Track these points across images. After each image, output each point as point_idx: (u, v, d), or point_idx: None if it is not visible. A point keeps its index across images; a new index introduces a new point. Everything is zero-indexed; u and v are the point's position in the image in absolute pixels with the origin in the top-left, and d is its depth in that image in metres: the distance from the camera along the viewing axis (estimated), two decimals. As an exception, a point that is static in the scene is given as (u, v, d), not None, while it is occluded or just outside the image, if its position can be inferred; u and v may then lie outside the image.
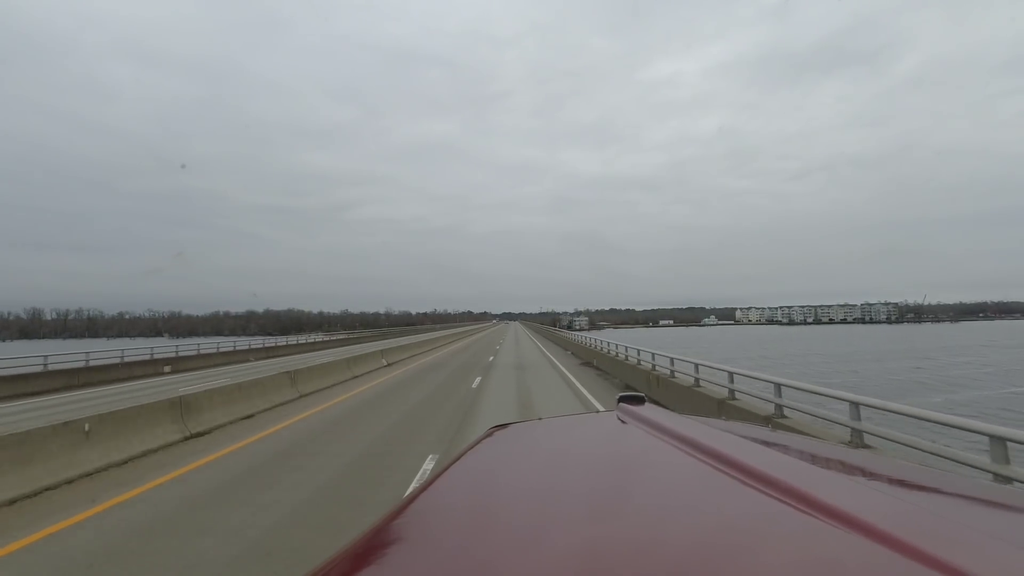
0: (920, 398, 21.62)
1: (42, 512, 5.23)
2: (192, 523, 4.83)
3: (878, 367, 36.48)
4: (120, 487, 5.97)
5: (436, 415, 10.20)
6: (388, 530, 0.79)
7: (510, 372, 18.33)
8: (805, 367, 38.03)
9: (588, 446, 1.23)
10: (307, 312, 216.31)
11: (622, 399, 1.51)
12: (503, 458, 1.20)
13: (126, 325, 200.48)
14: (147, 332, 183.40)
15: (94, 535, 4.63)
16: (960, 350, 50.18)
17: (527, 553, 0.64)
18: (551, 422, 1.47)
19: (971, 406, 19.47)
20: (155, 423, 7.94)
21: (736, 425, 1.38)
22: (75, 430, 6.47)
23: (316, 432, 8.86)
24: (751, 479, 0.78)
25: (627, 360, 16.37)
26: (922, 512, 0.65)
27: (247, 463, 6.94)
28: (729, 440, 1.01)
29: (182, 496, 5.64)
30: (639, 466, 1.01)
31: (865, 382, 27.93)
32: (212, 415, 9.30)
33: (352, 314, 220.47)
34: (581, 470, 1.04)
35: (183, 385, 15.87)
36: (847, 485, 0.80)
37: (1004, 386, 25.11)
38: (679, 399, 10.64)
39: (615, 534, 0.68)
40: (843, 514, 0.62)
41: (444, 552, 0.69)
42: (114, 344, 59.17)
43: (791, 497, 0.69)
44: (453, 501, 0.92)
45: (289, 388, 12.64)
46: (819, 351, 55.34)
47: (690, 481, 0.87)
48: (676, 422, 1.18)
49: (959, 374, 30.73)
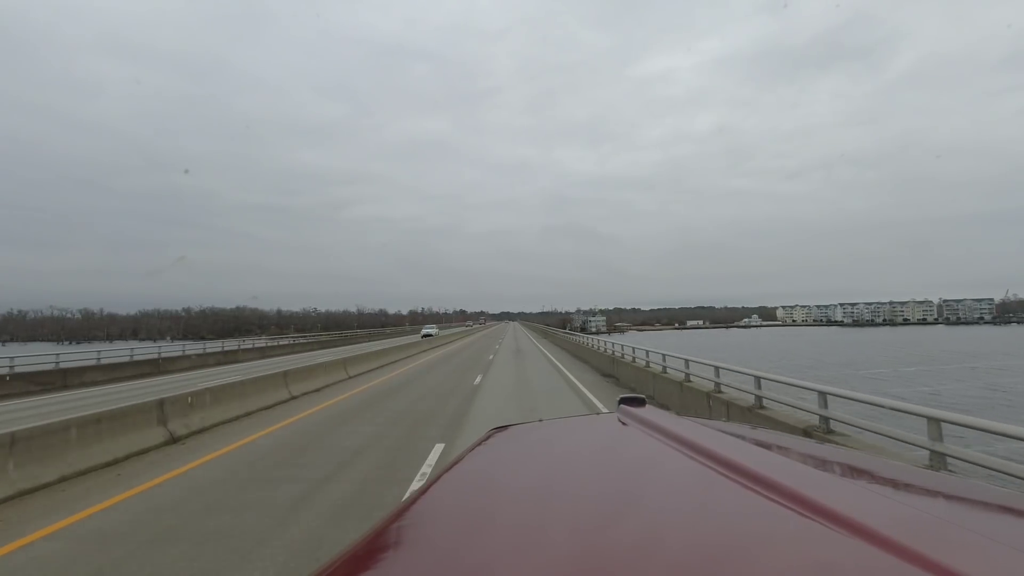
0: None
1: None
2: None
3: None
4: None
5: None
6: (388, 533, 0.79)
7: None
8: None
9: (588, 448, 1.23)
10: (260, 311, 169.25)
11: (623, 400, 1.50)
12: (503, 460, 1.20)
13: (19, 326, 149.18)
14: (48, 336, 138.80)
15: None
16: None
17: (527, 555, 0.65)
18: (551, 424, 1.47)
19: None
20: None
21: (736, 427, 1.37)
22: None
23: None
24: (752, 482, 0.78)
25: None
26: (924, 516, 0.65)
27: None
28: (730, 443, 1.01)
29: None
30: (640, 468, 1.01)
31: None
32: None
33: (314, 313, 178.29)
34: (581, 472, 1.04)
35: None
36: (848, 488, 0.81)
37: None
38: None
39: (615, 536, 0.68)
40: (843, 517, 0.62)
41: (444, 554, 0.69)
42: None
43: (792, 500, 0.69)
44: (453, 503, 0.92)
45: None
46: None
47: (691, 483, 0.87)
48: (677, 424, 1.18)
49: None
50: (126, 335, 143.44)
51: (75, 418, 6.75)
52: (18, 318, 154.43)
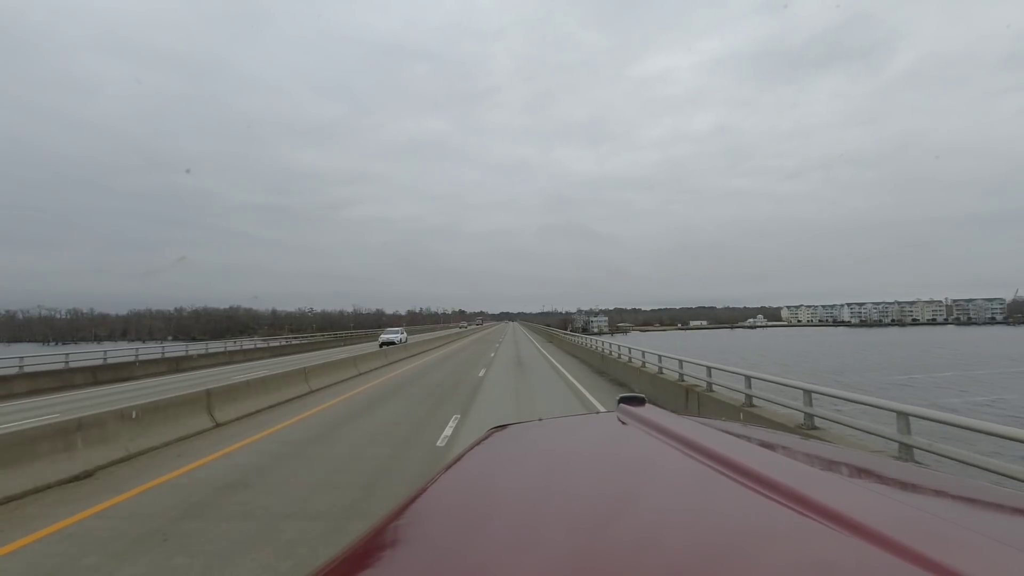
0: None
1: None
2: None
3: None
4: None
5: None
6: (387, 532, 0.79)
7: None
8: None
9: (588, 447, 1.24)
10: (255, 311, 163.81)
11: (622, 400, 1.50)
12: (503, 459, 1.20)
13: (6, 327, 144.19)
14: (35, 336, 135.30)
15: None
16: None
17: (527, 554, 0.65)
18: (551, 423, 1.47)
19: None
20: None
21: (737, 426, 1.37)
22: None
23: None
24: (752, 481, 0.79)
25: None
26: (923, 515, 0.66)
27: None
28: (730, 442, 1.02)
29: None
30: (639, 467, 1.02)
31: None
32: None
33: (310, 313, 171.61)
34: (581, 471, 1.04)
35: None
36: (848, 487, 0.81)
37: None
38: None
39: (615, 535, 0.69)
40: (843, 516, 0.62)
41: (444, 553, 0.69)
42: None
43: (792, 500, 0.70)
44: (452, 502, 0.92)
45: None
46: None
47: (691, 483, 0.87)
48: (677, 423, 1.18)
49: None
50: (116, 335, 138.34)
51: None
52: (6, 318, 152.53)
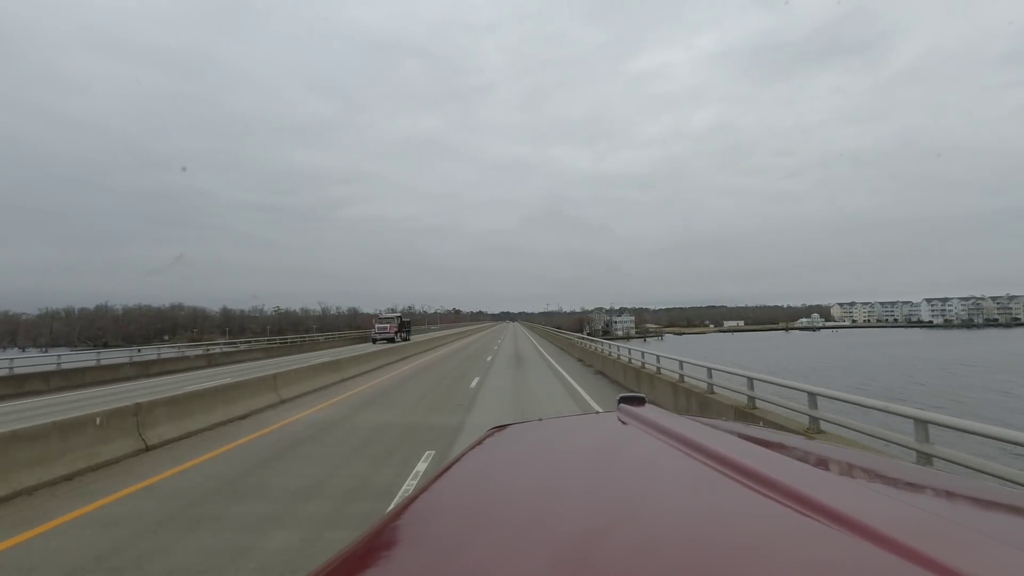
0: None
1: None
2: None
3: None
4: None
5: None
6: (387, 532, 0.79)
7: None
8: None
9: (588, 447, 1.23)
10: (203, 309, 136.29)
11: (622, 400, 1.50)
12: (503, 459, 1.20)
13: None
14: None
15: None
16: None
17: (527, 554, 0.65)
18: (551, 423, 1.47)
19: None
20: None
21: (737, 426, 1.38)
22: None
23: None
24: (752, 481, 0.79)
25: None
26: (924, 515, 0.66)
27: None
28: (730, 441, 1.01)
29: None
30: (639, 467, 1.02)
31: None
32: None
33: (269, 314, 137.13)
34: (581, 471, 1.04)
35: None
36: (849, 487, 0.81)
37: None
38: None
39: (616, 535, 0.69)
40: (845, 516, 0.62)
41: (444, 553, 0.69)
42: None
43: (791, 499, 0.70)
44: (453, 502, 0.92)
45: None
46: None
47: (691, 482, 0.87)
48: (677, 423, 1.18)
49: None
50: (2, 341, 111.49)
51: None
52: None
